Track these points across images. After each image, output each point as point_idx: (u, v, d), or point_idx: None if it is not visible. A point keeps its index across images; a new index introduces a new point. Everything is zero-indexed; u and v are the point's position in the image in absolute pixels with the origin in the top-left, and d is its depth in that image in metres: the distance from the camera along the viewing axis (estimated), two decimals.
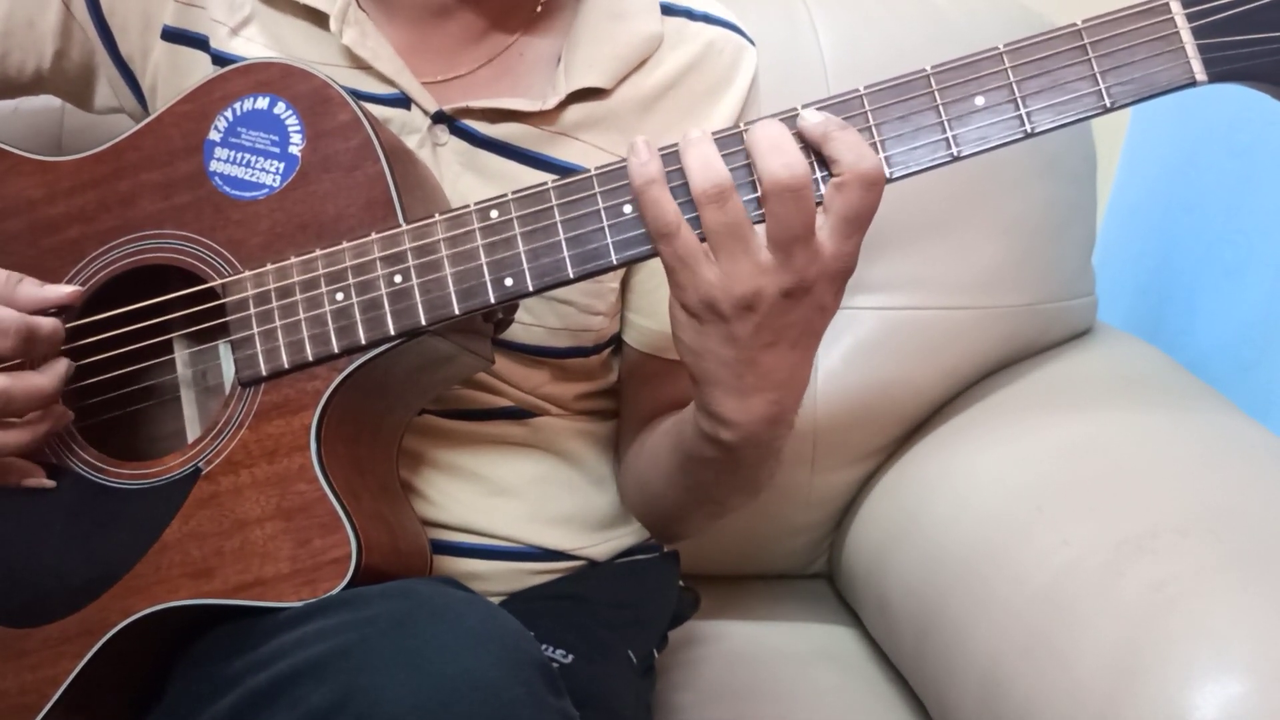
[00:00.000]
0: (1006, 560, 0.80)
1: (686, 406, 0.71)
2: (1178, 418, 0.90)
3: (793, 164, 0.56)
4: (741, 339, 0.59)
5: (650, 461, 0.74)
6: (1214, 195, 1.11)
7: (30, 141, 0.86)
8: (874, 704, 0.90)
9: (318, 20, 0.71)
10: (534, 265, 0.61)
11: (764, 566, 1.07)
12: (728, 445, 0.64)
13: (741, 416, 0.62)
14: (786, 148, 0.57)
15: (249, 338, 0.63)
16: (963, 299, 1.01)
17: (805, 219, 0.57)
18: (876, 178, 0.57)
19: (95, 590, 0.62)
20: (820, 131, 0.58)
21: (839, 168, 0.57)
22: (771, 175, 0.57)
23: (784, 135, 0.57)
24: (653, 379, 0.78)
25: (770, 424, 0.62)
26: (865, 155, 0.57)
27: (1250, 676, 0.63)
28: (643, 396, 0.79)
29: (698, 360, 0.61)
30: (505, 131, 0.72)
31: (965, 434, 0.97)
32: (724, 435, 0.63)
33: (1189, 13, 0.57)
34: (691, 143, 0.58)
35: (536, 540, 0.76)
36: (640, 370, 0.79)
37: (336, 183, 0.63)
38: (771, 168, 0.57)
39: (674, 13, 0.75)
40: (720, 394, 0.61)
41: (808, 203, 0.57)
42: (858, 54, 1.00)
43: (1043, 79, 0.57)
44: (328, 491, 0.60)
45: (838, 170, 0.57)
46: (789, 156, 0.57)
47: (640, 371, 0.79)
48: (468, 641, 0.54)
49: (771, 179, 0.57)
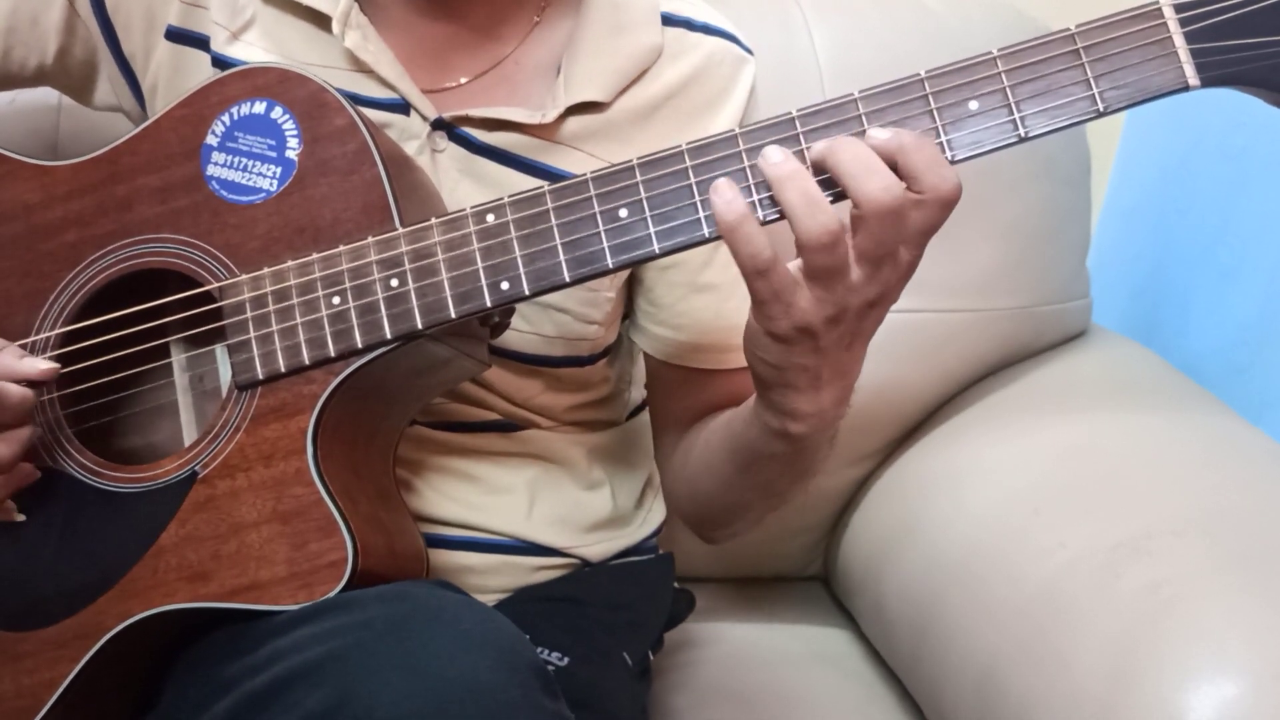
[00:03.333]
0: (1003, 562, 0.80)
1: (729, 410, 0.71)
2: (1173, 420, 0.90)
3: (891, 186, 0.55)
4: (827, 349, 0.59)
5: (702, 468, 0.74)
6: (1208, 199, 1.11)
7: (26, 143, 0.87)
8: (870, 706, 0.90)
9: (319, 22, 0.71)
10: (530, 269, 0.61)
11: (760, 569, 1.07)
12: (796, 437, 0.63)
13: (813, 408, 0.62)
14: (879, 168, 0.56)
15: (245, 341, 0.63)
16: (958, 302, 1.01)
17: (900, 235, 0.56)
18: (956, 198, 0.56)
19: (92, 594, 0.62)
20: (895, 145, 0.56)
21: (919, 185, 0.56)
22: (872, 199, 0.55)
23: (872, 155, 0.56)
24: (681, 386, 0.78)
25: (837, 406, 0.63)
26: (947, 177, 0.56)
27: (1246, 677, 0.63)
28: (675, 406, 0.79)
29: (779, 374, 0.61)
30: (503, 139, 0.72)
31: (961, 436, 0.97)
32: (794, 428, 0.63)
33: (1182, 18, 0.57)
34: (788, 175, 0.56)
35: (530, 536, 0.76)
36: (669, 380, 0.79)
37: (333, 187, 0.64)
38: (870, 191, 0.55)
39: (674, 23, 0.75)
40: (794, 395, 0.61)
41: (906, 220, 0.56)
42: (853, 59, 1.00)
43: (1036, 83, 0.57)
44: (324, 495, 0.60)
45: (918, 188, 0.56)
46: (886, 179, 0.55)
47: (669, 382, 0.79)
48: (464, 645, 0.54)
49: (873, 203, 0.55)
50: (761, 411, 0.64)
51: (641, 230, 0.60)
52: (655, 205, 0.60)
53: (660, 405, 0.81)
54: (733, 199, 0.57)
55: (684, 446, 0.77)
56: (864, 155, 0.56)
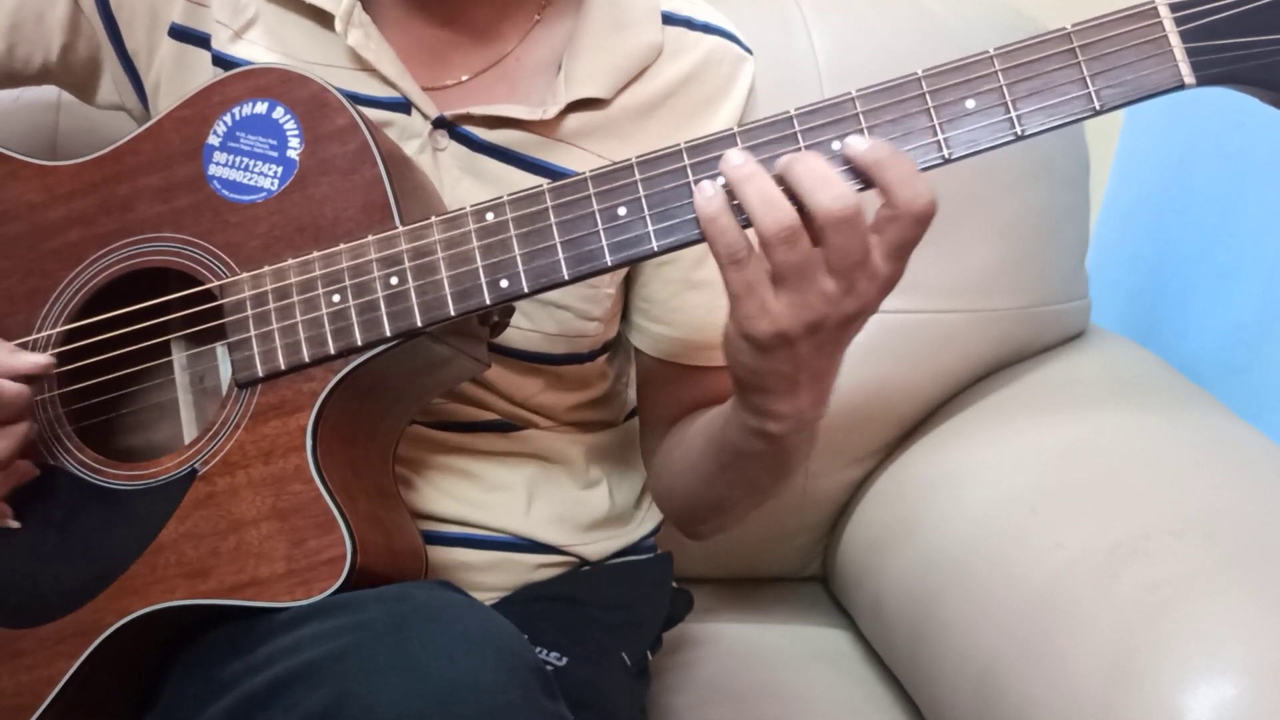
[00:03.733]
0: (1001, 563, 0.80)
1: (713, 408, 0.72)
2: (1171, 420, 0.90)
3: (842, 195, 0.56)
4: (804, 356, 0.59)
5: (684, 465, 0.75)
6: (1206, 199, 1.11)
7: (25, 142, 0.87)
8: (868, 706, 0.90)
9: (322, 20, 0.72)
10: (529, 267, 0.61)
11: (758, 569, 1.07)
12: (775, 436, 0.64)
13: (790, 410, 0.62)
14: (833, 179, 0.56)
15: (246, 339, 0.63)
16: (957, 302, 1.01)
17: (862, 243, 0.57)
18: (930, 215, 0.57)
19: (91, 591, 0.62)
20: (871, 159, 0.57)
21: (892, 200, 0.56)
22: (824, 210, 0.56)
23: (826, 166, 0.57)
24: (672, 383, 0.78)
25: (815, 406, 0.63)
26: (920, 193, 0.56)
27: (1243, 678, 0.63)
28: (663, 401, 0.79)
29: (756, 378, 0.61)
30: (504, 137, 0.72)
31: (959, 437, 0.97)
32: (772, 428, 0.63)
33: (1177, 16, 0.57)
34: (746, 177, 0.57)
35: (528, 533, 0.76)
36: (658, 376, 0.79)
37: (334, 186, 0.64)
38: (822, 202, 0.56)
39: (674, 22, 0.75)
40: (772, 398, 0.62)
41: (862, 228, 0.57)
42: (852, 58, 1.00)
43: (1033, 82, 0.58)
44: (323, 492, 0.61)
45: (891, 204, 0.57)
46: (837, 189, 0.56)
47: (658, 377, 0.79)
48: (463, 645, 0.54)
49: (825, 213, 0.56)
50: (740, 411, 0.65)
51: (640, 228, 0.60)
52: (654, 204, 0.60)
53: (649, 401, 0.81)
54: (713, 194, 0.58)
55: (669, 443, 0.78)
56: (817, 168, 0.57)
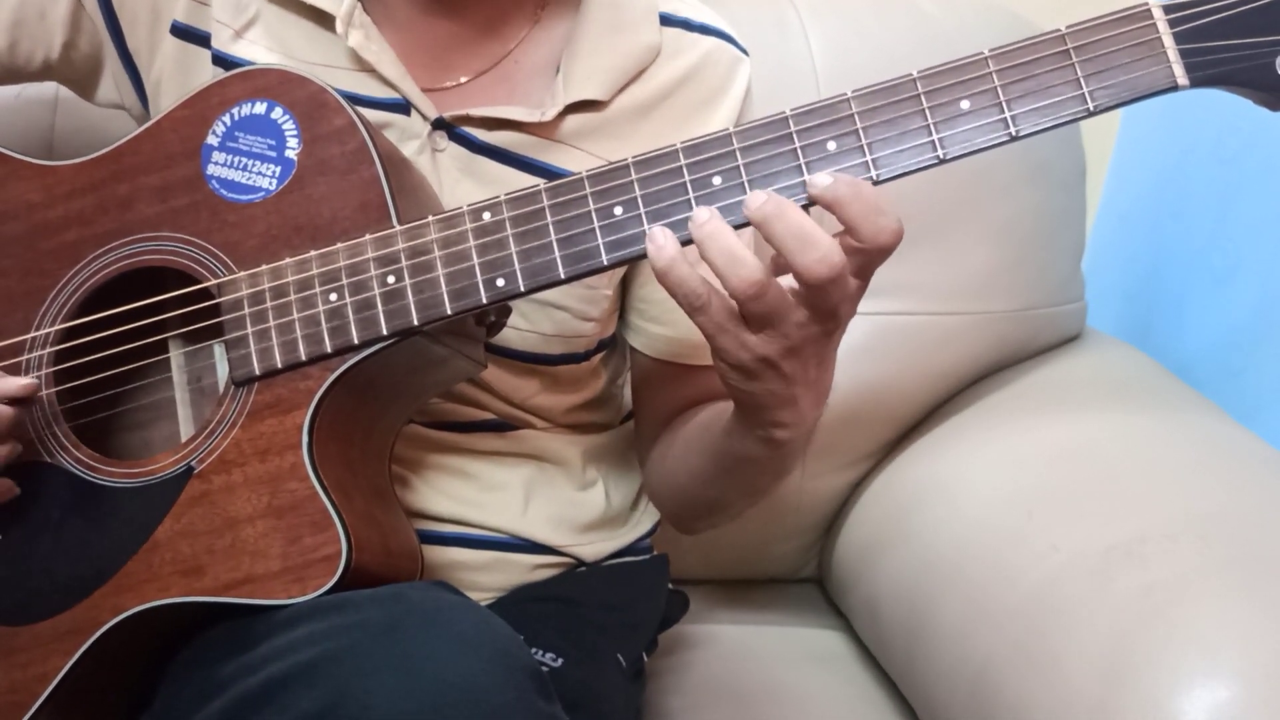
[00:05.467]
0: (997, 565, 0.80)
1: (710, 406, 0.72)
2: (1167, 423, 0.90)
3: (827, 256, 0.55)
4: (792, 374, 0.60)
5: (682, 465, 0.75)
6: (1202, 202, 1.11)
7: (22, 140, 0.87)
8: (864, 707, 0.90)
9: (323, 21, 0.72)
10: (526, 266, 0.61)
11: (754, 571, 1.08)
12: (781, 442, 0.64)
13: (793, 416, 0.62)
14: (816, 240, 0.55)
15: (243, 337, 0.63)
16: (953, 304, 1.01)
17: (843, 292, 0.57)
18: (894, 244, 0.57)
19: (86, 588, 0.62)
20: (831, 197, 0.56)
21: (858, 235, 0.56)
22: (808, 271, 0.55)
23: (808, 225, 0.56)
24: (669, 382, 0.79)
25: (815, 408, 0.63)
26: (883, 228, 0.56)
27: (1238, 681, 0.63)
28: (660, 400, 0.79)
29: (752, 399, 0.62)
30: (503, 139, 0.72)
31: (955, 439, 0.97)
32: (778, 435, 0.64)
33: (1171, 18, 0.57)
34: (708, 236, 0.56)
35: (525, 533, 0.76)
36: (655, 375, 0.79)
37: (332, 186, 0.64)
38: (807, 264, 0.55)
39: (672, 23, 0.76)
40: (773, 411, 0.62)
41: (846, 282, 0.56)
42: (848, 60, 1.01)
43: (1027, 83, 0.58)
44: (319, 489, 0.61)
45: (856, 238, 0.56)
46: (821, 250, 0.55)
47: (655, 376, 0.79)
48: (459, 646, 0.54)
49: (810, 275, 0.55)
50: (743, 423, 0.65)
51: (636, 228, 0.60)
52: (650, 203, 0.60)
53: (645, 400, 0.81)
54: (663, 244, 0.57)
55: (664, 441, 0.78)
56: (799, 227, 0.55)
